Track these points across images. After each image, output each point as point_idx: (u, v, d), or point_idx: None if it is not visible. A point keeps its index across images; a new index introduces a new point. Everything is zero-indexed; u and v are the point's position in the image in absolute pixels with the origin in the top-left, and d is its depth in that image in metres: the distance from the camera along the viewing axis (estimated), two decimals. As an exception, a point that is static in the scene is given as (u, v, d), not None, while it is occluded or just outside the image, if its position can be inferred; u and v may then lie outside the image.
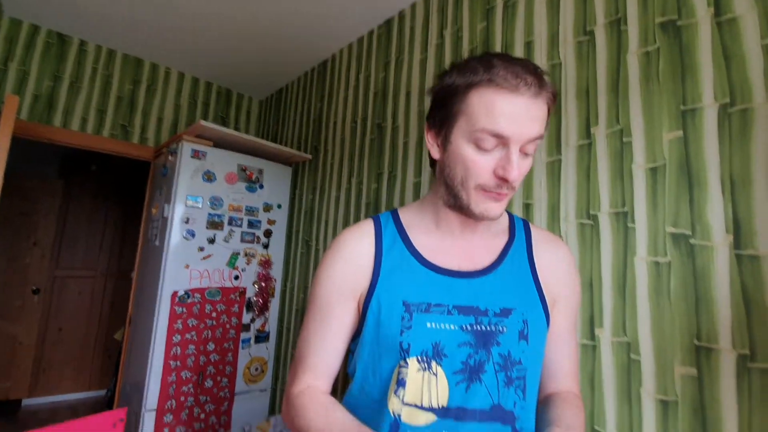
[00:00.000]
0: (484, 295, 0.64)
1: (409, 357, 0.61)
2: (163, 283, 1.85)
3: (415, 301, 0.63)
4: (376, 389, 0.64)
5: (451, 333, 0.61)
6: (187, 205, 1.94)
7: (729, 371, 0.83)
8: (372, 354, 0.65)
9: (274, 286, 2.18)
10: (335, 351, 0.68)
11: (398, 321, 0.62)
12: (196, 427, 1.83)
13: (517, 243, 0.71)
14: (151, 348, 1.79)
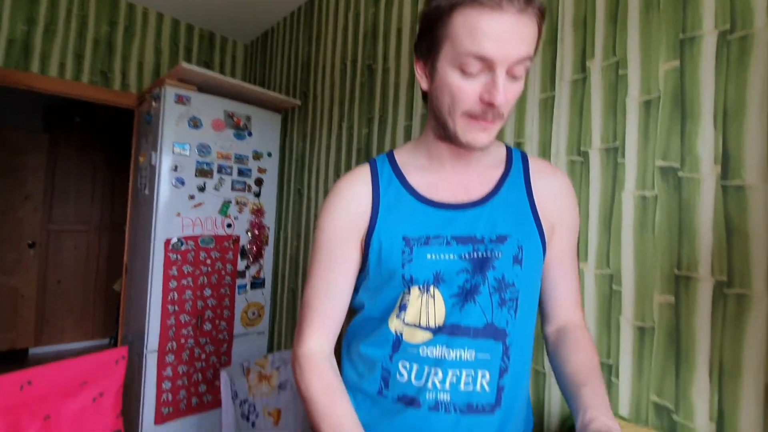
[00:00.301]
0: (480, 225, 0.65)
1: (411, 286, 0.64)
2: (155, 231, 1.85)
3: (415, 235, 0.64)
4: (379, 313, 0.68)
5: (450, 262, 0.64)
6: (174, 153, 1.90)
7: (705, 298, 0.86)
8: (376, 287, 0.68)
9: (267, 235, 2.19)
10: (342, 294, 0.69)
11: (399, 255, 0.64)
12: (197, 366, 1.91)
13: (514, 173, 0.71)
14: (149, 293, 1.82)
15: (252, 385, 1.48)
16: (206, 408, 1.92)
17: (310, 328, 0.69)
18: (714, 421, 0.84)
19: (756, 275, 0.81)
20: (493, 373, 0.63)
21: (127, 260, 2.23)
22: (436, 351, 0.62)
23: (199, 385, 1.92)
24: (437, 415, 0.63)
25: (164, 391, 1.81)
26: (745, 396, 0.81)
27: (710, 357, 0.85)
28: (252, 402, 1.46)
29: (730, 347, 0.83)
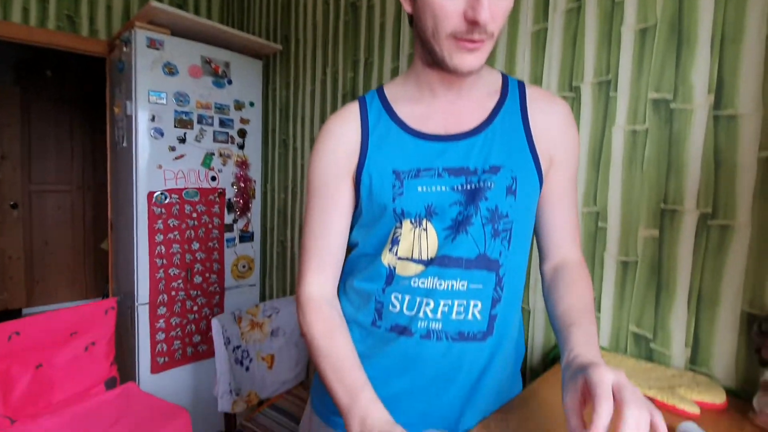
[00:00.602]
0: (473, 156, 0.63)
1: (403, 220, 0.63)
2: (136, 184, 1.80)
3: (405, 168, 0.63)
4: (372, 249, 0.68)
5: (442, 194, 0.62)
6: (150, 102, 1.81)
7: (689, 230, 0.87)
8: (368, 223, 0.67)
9: (253, 188, 2.15)
10: (338, 234, 0.69)
11: (389, 189, 0.63)
12: (190, 317, 1.93)
13: (510, 102, 0.67)
14: (135, 248, 1.80)
15: (244, 332, 1.51)
16: (202, 357, 1.97)
17: (309, 270, 0.69)
18: (689, 346, 0.87)
19: (740, 205, 0.81)
20: (485, 302, 0.63)
21: (111, 216, 2.19)
22: (428, 282, 0.62)
23: (194, 336, 1.95)
24: (429, 342, 0.64)
25: (158, 342, 1.84)
26: (721, 323, 0.83)
27: (690, 287, 0.87)
28: (245, 348, 1.50)
29: (709, 277, 0.84)
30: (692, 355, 0.87)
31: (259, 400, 1.51)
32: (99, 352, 1.37)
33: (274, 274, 2.17)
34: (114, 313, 1.42)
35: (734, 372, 0.82)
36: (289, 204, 2.05)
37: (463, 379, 0.66)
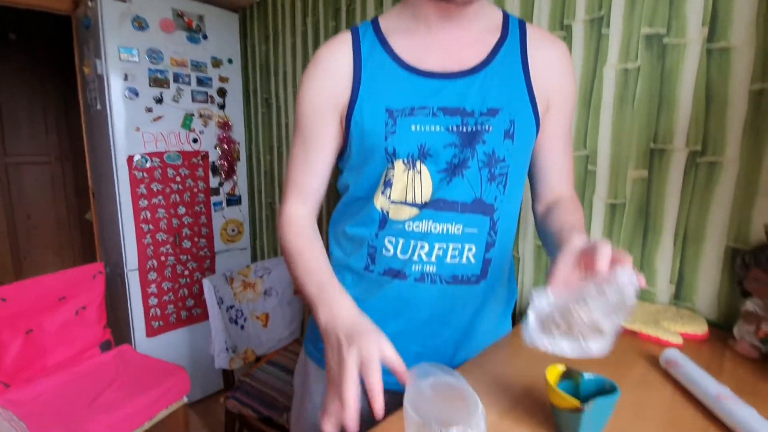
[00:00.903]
0: (471, 96, 0.61)
1: (395, 160, 0.61)
2: (114, 148, 1.73)
3: (398, 106, 0.61)
4: (365, 192, 0.66)
5: (436, 135, 0.60)
6: (121, 60, 1.72)
7: (678, 169, 0.86)
8: (360, 163, 0.65)
9: (237, 150, 2.10)
10: (320, 171, 0.68)
11: (382, 127, 0.61)
12: (182, 282, 1.93)
13: (510, 41, 0.64)
14: (119, 214, 1.76)
15: (237, 292, 1.51)
16: (197, 320, 1.98)
17: (290, 198, 0.69)
18: (674, 283, 0.89)
19: (729, 141, 0.80)
20: (479, 246, 0.63)
21: (92, 184, 2.13)
22: (423, 225, 0.61)
23: (187, 300, 1.96)
24: (423, 285, 0.64)
25: (152, 307, 1.84)
26: (706, 259, 0.85)
27: (676, 226, 0.87)
28: (239, 307, 1.50)
29: (696, 215, 0.85)
30: (676, 291, 0.89)
31: (256, 356, 1.54)
32: (90, 316, 1.37)
33: (264, 236, 2.16)
34: (102, 278, 1.41)
35: (716, 305, 0.84)
36: (275, 165, 2.00)
37: (457, 321, 0.67)
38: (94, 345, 1.37)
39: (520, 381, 0.62)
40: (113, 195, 1.78)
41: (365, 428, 0.52)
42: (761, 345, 0.69)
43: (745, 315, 0.73)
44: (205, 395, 2.05)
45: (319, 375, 0.71)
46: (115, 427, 1.09)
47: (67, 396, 1.18)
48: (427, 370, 0.50)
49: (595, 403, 0.45)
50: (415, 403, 0.44)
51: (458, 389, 0.47)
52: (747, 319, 0.72)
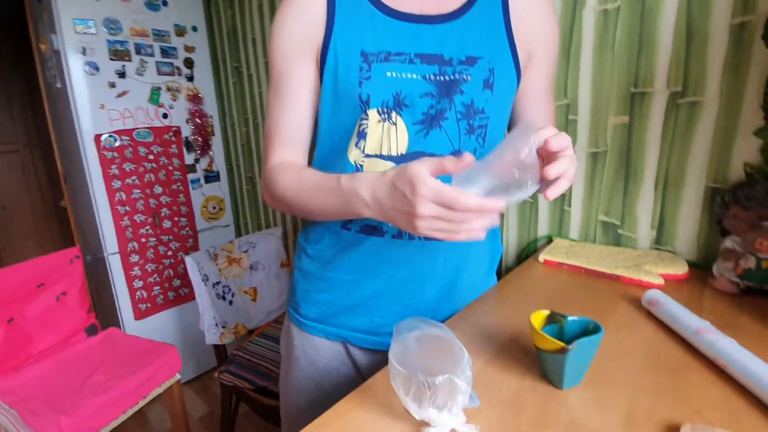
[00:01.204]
0: (449, 43, 0.58)
1: (369, 109, 0.58)
2: (79, 127, 1.65)
3: (374, 50, 0.57)
4: (338, 145, 0.63)
5: (413, 82, 0.58)
6: (77, 32, 1.61)
7: (659, 112, 0.85)
8: (332, 111, 0.62)
9: (211, 123, 2.02)
10: (302, 118, 0.64)
11: (356, 72, 0.57)
12: (165, 263, 1.90)
13: None
14: (92, 197, 1.70)
15: (222, 268, 1.49)
16: (185, 300, 1.96)
17: (274, 151, 0.64)
18: (655, 228, 0.89)
19: (710, 79, 0.78)
20: None
21: (62, 168, 2.04)
22: None
23: (173, 280, 1.93)
24: (401, 242, 0.63)
25: (137, 289, 1.81)
26: (686, 201, 0.85)
27: (657, 170, 0.87)
28: (225, 283, 1.49)
29: (677, 157, 0.84)
30: (657, 236, 0.89)
31: (247, 330, 1.54)
32: (72, 301, 1.34)
33: (247, 212, 2.12)
34: (79, 262, 1.37)
35: (696, 246, 0.85)
36: (252, 137, 1.94)
37: (438, 276, 0.66)
38: (79, 330, 1.34)
39: (505, 330, 0.62)
40: (84, 178, 1.71)
41: (351, 387, 0.52)
42: (739, 280, 0.71)
43: (724, 253, 0.74)
44: (201, 372, 2.07)
45: (302, 338, 0.71)
46: (107, 408, 1.09)
47: (56, 381, 1.17)
48: (413, 324, 0.49)
49: (579, 344, 0.45)
50: (400, 356, 0.44)
51: (444, 340, 0.46)
52: (726, 256, 0.73)
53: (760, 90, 0.74)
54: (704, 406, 0.45)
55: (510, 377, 0.51)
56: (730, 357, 0.49)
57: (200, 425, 1.77)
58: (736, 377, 0.48)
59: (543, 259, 0.89)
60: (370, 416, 0.46)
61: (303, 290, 0.71)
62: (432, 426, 0.41)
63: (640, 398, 0.46)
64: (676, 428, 0.41)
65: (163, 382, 1.24)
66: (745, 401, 0.45)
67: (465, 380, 0.41)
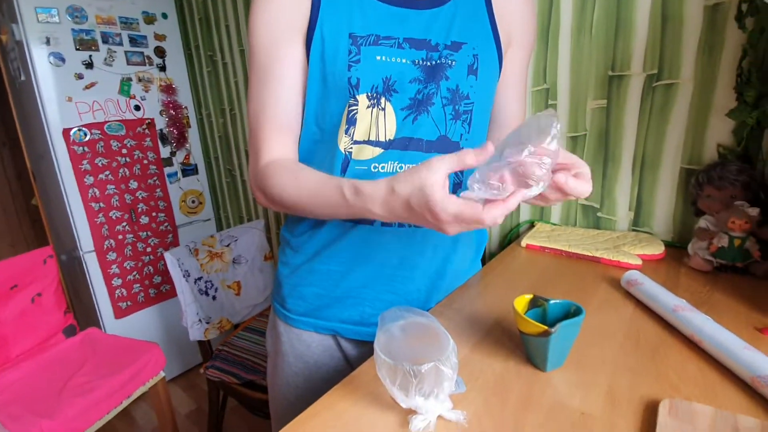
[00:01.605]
0: (435, 28, 0.58)
1: (358, 94, 0.57)
2: (47, 121, 1.58)
3: (363, 33, 0.56)
4: (326, 134, 0.61)
5: (402, 67, 0.57)
6: (40, 21, 1.53)
7: (635, 94, 0.86)
8: (319, 97, 0.60)
9: (186, 115, 1.96)
10: (295, 102, 0.60)
11: (345, 55, 0.56)
12: (145, 260, 1.85)
13: None
14: (64, 194, 1.64)
15: (203, 263, 1.46)
16: (166, 297, 1.93)
17: (265, 142, 0.59)
18: (632, 210, 0.91)
19: (685, 61, 0.79)
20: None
21: (30, 165, 1.96)
22: (388, 166, 0.59)
23: (153, 277, 1.89)
24: (390, 229, 0.62)
25: (116, 288, 1.77)
26: (662, 183, 0.87)
27: (634, 152, 0.88)
28: (207, 278, 1.46)
29: (653, 139, 0.86)
30: (635, 218, 0.91)
31: (232, 325, 1.52)
32: (47, 302, 1.29)
33: (227, 205, 2.08)
34: (53, 262, 1.32)
35: (672, 227, 0.87)
36: (230, 128, 1.89)
37: (427, 264, 0.66)
38: (57, 331, 1.30)
39: (489, 315, 0.63)
40: (54, 175, 1.64)
41: (339, 378, 0.52)
42: (713, 258, 0.73)
43: (699, 232, 0.76)
44: (186, 369, 2.04)
45: (290, 334, 0.70)
46: (90, 409, 1.07)
47: (36, 384, 1.14)
48: (397, 314, 0.49)
49: (561, 326, 0.46)
50: (385, 346, 0.44)
51: (429, 328, 0.46)
52: (700, 236, 0.75)
53: (732, 71, 0.75)
54: (681, 382, 0.46)
55: (495, 362, 0.52)
56: (706, 333, 0.51)
57: (188, 422, 1.76)
58: (712, 352, 0.49)
59: (525, 244, 0.90)
60: (357, 407, 0.46)
61: (289, 284, 0.69)
62: (419, 413, 0.41)
63: (620, 377, 0.47)
64: (655, 404, 0.42)
65: (147, 380, 1.22)
66: (720, 375, 0.47)
67: (451, 367, 0.41)
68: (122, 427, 1.73)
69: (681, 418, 0.40)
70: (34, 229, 3.60)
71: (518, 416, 0.43)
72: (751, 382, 0.44)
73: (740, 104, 0.72)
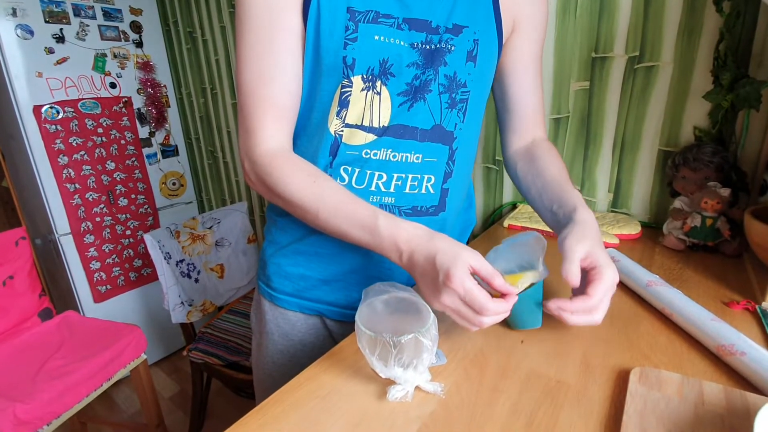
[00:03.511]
0: (437, 9, 0.55)
1: (353, 75, 0.53)
2: (15, 98, 1.51)
3: (362, 8, 0.52)
4: (315, 114, 0.57)
5: (400, 49, 0.54)
6: (3, -10, 1.44)
7: (617, 76, 0.87)
8: (312, 75, 0.55)
9: (165, 94, 1.90)
10: (292, 75, 0.54)
11: (341, 32, 0.52)
12: (124, 243, 1.81)
13: None
14: (36, 175, 1.58)
15: (185, 246, 1.43)
16: (148, 280, 1.90)
17: (262, 122, 0.54)
18: (612, 191, 0.93)
19: (666, 44, 0.80)
20: (438, 176, 0.60)
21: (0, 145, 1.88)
22: (381, 154, 0.57)
23: (134, 261, 1.85)
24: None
25: (95, 271, 1.73)
26: (640, 165, 0.88)
27: (615, 134, 0.90)
28: (190, 261, 1.44)
29: (633, 121, 0.87)
30: (614, 199, 0.93)
31: (216, 307, 1.51)
32: (20, 285, 1.25)
33: (210, 187, 2.04)
34: (26, 243, 1.28)
35: (648, 208, 0.90)
36: (211, 108, 1.84)
37: None
38: (31, 315, 1.27)
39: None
40: (26, 154, 1.58)
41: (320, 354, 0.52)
42: (686, 238, 0.75)
43: (674, 212, 0.78)
44: (170, 353, 2.03)
45: (275, 312, 0.70)
46: (69, 392, 1.05)
47: (9, 369, 1.11)
48: (381, 289, 0.49)
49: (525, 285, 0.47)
50: (367, 319, 0.44)
51: (411, 303, 0.47)
52: (675, 216, 0.77)
53: (710, 54, 0.76)
54: (652, 352, 0.48)
55: (475, 336, 0.53)
56: (676, 306, 0.53)
57: (172, 405, 1.75)
58: (681, 324, 0.51)
59: (507, 224, 0.91)
60: (338, 379, 0.46)
61: (275, 264, 0.68)
62: (397, 384, 0.42)
63: (594, 347, 0.49)
64: (627, 372, 0.44)
65: (127, 363, 1.20)
66: (688, 345, 0.49)
67: (430, 339, 0.42)
68: (103, 412, 1.72)
69: (650, 385, 0.41)
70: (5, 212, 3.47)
71: (496, 385, 0.44)
72: (716, 350, 0.46)
73: (716, 87, 0.74)
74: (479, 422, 0.39)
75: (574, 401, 0.41)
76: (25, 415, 0.97)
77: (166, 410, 1.68)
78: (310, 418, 0.41)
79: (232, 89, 1.71)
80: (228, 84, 1.71)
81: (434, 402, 0.42)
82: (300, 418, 0.41)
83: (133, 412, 1.71)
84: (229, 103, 1.74)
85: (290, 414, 0.41)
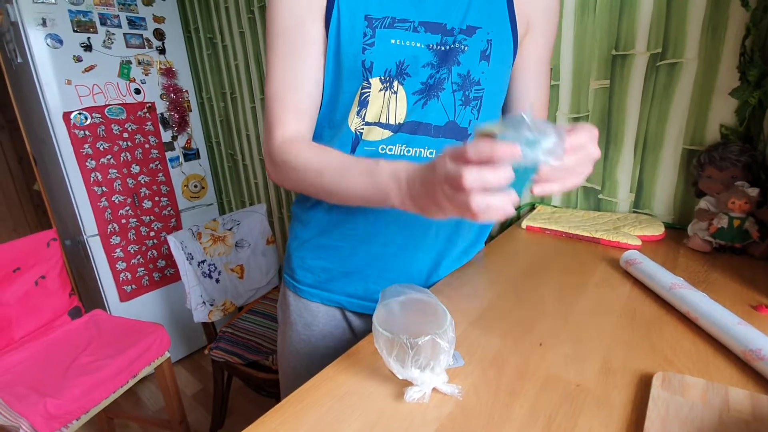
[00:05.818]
0: (452, 12, 0.58)
1: (371, 77, 0.57)
2: (46, 105, 1.57)
3: (379, 15, 0.57)
4: (338, 114, 0.61)
5: (416, 51, 0.57)
6: (35, 2, 1.51)
7: (639, 74, 0.85)
8: (333, 79, 0.60)
9: (187, 99, 1.95)
10: (312, 82, 0.59)
11: (360, 37, 0.56)
12: (149, 243, 1.87)
13: None
14: (66, 179, 1.64)
15: (206, 247, 1.47)
16: (171, 280, 1.95)
17: (281, 121, 0.59)
18: (634, 192, 0.91)
19: (689, 40, 0.78)
20: None
21: (31, 149, 1.96)
22: (396, 149, 0.59)
23: (157, 261, 1.90)
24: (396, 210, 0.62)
25: (121, 271, 1.79)
26: (663, 164, 0.86)
27: (636, 133, 0.88)
28: (211, 261, 1.47)
29: (655, 120, 0.85)
30: (636, 200, 0.91)
31: (236, 307, 1.54)
32: (52, 285, 1.31)
33: (230, 190, 2.08)
34: (57, 245, 1.33)
35: (672, 208, 0.87)
36: (231, 112, 1.88)
37: (430, 245, 0.67)
38: (62, 313, 1.32)
39: (488, 293, 0.64)
40: (56, 159, 1.64)
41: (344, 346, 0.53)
42: (712, 239, 0.73)
43: (699, 213, 0.76)
44: (192, 351, 2.08)
45: (298, 303, 0.72)
46: (96, 388, 1.09)
47: (41, 365, 1.16)
48: (398, 290, 0.49)
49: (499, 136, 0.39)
50: (384, 320, 0.44)
51: (428, 304, 0.47)
52: (700, 216, 0.75)
53: (736, 50, 0.74)
54: (676, 356, 0.47)
55: (492, 337, 0.52)
56: (701, 310, 0.51)
57: (194, 402, 1.79)
58: (706, 328, 0.50)
59: (525, 226, 0.90)
60: (356, 378, 0.47)
61: (298, 257, 0.71)
62: (414, 385, 0.42)
63: (615, 350, 0.48)
64: (649, 377, 0.43)
65: (152, 360, 1.24)
66: (714, 350, 0.47)
67: (447, 341, 0.42)
68: (129, 407, 1.77)
69: (674, 390, 0.41)
70: (36, 215, 3.62)
71: (514, 387, 0.44)
72: (743, 355, 0.45)
73: (743, 83, 0.72)
74: (497, 425, 0.39)
75: (593, 406, 0.40)
76: (55, 410, 1.01)
77: (188, 407, 1.72)
78: (328, 418, 0.41)
79: (251, 93, 1.74)
80: (247, 88, 1.75)
81: (451, 404, 0.42)
82: (318, 417, 0.42)
83: (157, 408, 1.76)
84: (248, 107, 1.78)
85: (309, 413, 0.42)
